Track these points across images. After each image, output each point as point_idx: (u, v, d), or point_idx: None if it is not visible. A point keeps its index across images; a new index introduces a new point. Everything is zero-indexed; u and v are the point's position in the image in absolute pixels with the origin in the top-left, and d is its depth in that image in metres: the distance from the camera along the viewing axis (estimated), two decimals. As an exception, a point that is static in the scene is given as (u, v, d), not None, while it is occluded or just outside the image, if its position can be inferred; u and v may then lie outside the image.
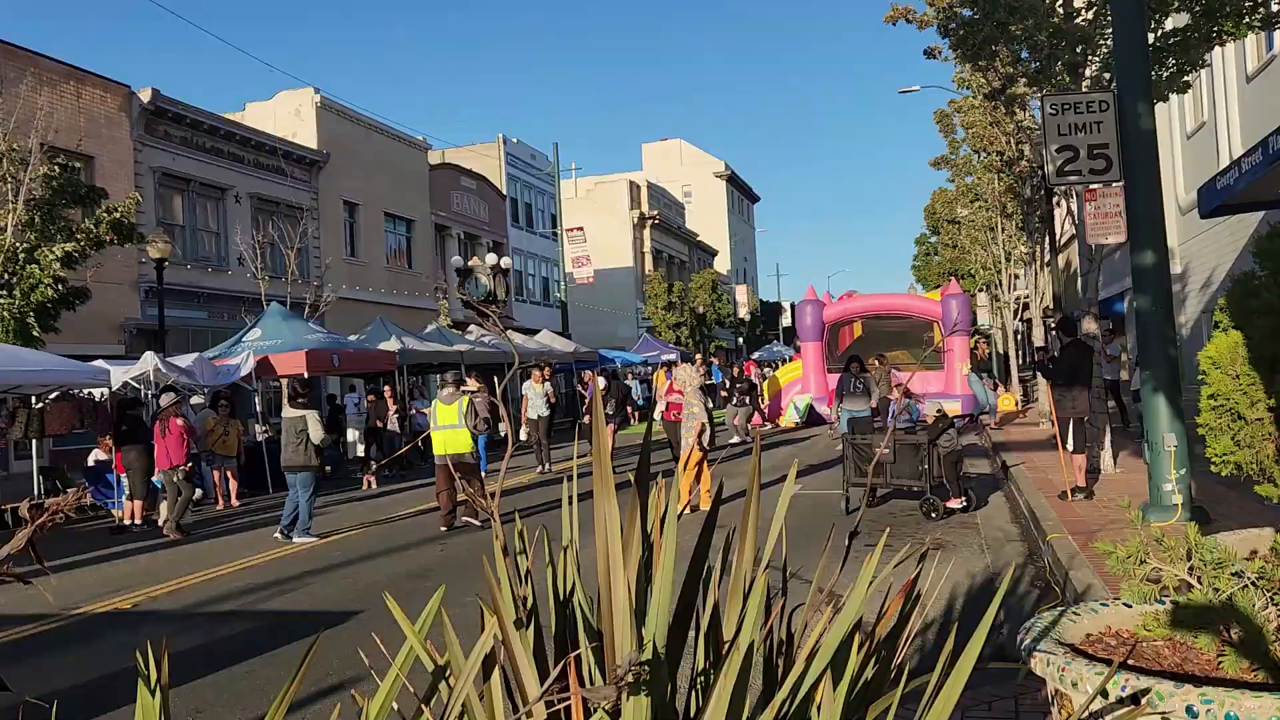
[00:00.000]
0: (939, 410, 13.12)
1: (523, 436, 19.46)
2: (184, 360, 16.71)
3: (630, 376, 28.31)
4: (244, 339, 18.96)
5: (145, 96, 23.49)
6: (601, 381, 19.06)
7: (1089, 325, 12.62)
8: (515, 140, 42.98)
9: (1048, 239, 20.58)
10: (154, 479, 14.06)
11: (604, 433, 1.90)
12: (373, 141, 32.64)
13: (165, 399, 13.98)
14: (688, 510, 11.49)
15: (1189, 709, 2.36)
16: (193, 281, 24.44)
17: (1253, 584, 2.81)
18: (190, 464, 14.07)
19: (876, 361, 18.75)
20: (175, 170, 24.58)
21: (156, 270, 18.59)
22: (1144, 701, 2.41)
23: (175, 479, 13.30)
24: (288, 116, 29.95)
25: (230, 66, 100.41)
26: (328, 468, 17.66)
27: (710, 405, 12.70)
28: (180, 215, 25.02)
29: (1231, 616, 2.73)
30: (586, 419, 21.07)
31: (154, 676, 1.83)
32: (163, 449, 13.35)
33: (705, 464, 12.14)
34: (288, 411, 11.93)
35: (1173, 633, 2.88)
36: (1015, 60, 14.21)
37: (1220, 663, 2.65)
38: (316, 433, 11.53)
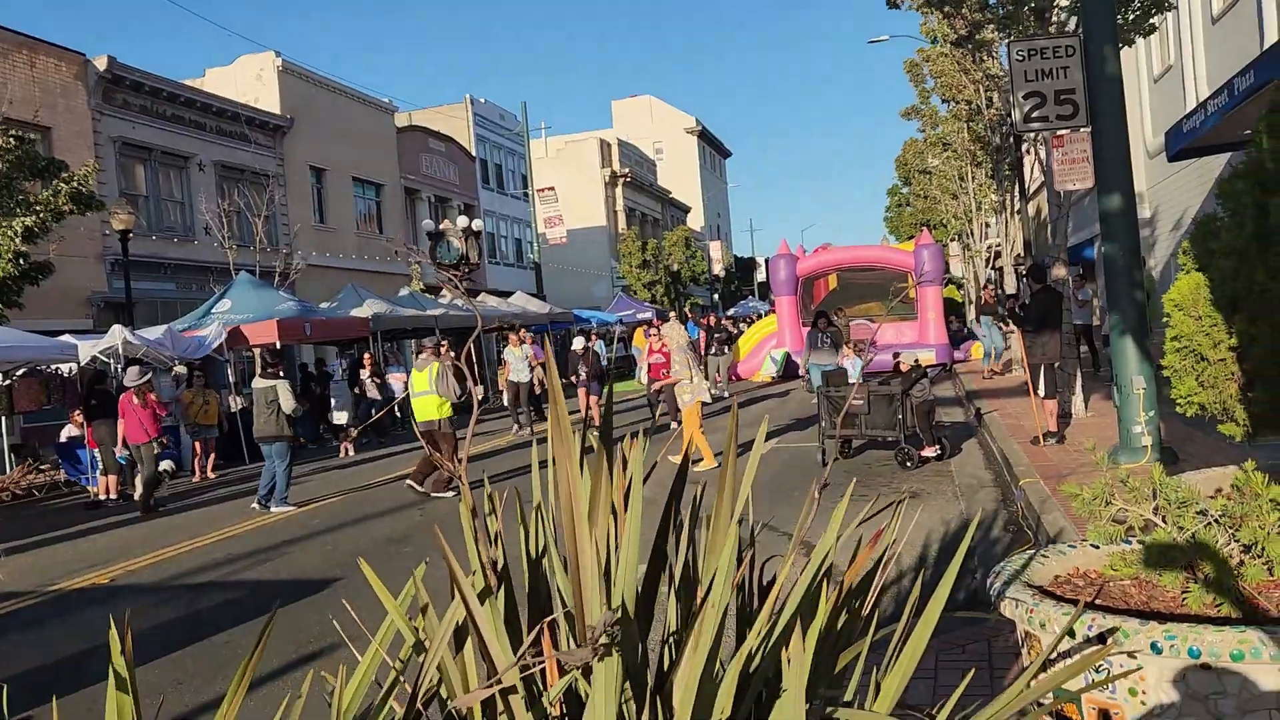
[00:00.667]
0: (914, 360, 13.17)
1: (505, 400, 19.35)
2: (153, 333, 16.51)
3: (594, 337, 27.97)
4: (213, 310, 18.75)
5: (101, 65, 22.97)
6: (580, 342, 18.90)
7: (1059, 271, 12.69)
8: (483, 100, 42.45)
9: (1017, 187, 20.62)
10: (119, 455, 13.89)
11: (559, 391, 1.87)
12: (338, 105, 32.14)
13: (131, 373, 13.78)
14: (714, 466, 11.31)
15: (1154, 645, 2.41)
16: (159, 252, 24.10)
17: (1216, 521, 2.85)
18: (166, 437, 13.93)
19: (837, 315, 18.67)
20: (136, 139, 24.13)
21: (121, 242, 18.31)
22: (1110, 640, 2.46)
23: (153, 452, 13.17)
24: (249, 81, 29.40)
25: (187, 31, 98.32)
26: (302, 439, 17.54)
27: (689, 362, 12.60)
28: (143, 185, 24.60)
29: (1195, 553, 2.77)
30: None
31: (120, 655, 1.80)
32: (136, 421, 13.18)
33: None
34: (258, 382, 11.84)
35: (1139, 572, 2.93)
36: (983, 6, 14.16)
37: (1185, 599, 2.70)
38: (287, 402, 11.46)
